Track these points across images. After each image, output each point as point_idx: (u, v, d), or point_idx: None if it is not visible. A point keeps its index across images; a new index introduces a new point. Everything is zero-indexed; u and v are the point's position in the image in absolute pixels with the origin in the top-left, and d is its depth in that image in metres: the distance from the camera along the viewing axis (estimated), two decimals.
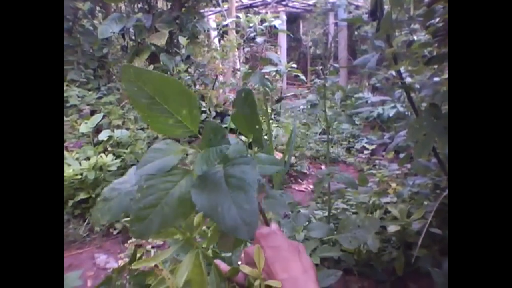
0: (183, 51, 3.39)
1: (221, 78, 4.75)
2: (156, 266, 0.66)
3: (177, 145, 0.65)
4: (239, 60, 5.49)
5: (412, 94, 1.50)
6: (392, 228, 1.48)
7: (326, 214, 1.61)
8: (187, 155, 0.65)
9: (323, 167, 3.44)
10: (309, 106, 1.49)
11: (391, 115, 3.96)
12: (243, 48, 5.55)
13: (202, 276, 0.63)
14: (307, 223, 1.39)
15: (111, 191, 0.71)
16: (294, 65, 3.30)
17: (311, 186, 2.79)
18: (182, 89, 0.63)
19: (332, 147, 4.06)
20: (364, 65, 1.40)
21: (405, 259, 1.49)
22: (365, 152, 3.87)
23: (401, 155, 1.85)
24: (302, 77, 3.82)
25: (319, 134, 4.57)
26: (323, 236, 1.31)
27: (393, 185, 2.03)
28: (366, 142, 4.05)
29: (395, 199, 1.76)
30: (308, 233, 1.31)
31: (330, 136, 4.32)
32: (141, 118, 0.66)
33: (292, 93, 7.17)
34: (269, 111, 3.97)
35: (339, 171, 1.52)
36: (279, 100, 4.74)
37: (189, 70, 3.57)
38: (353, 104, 4.74)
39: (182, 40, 3.28)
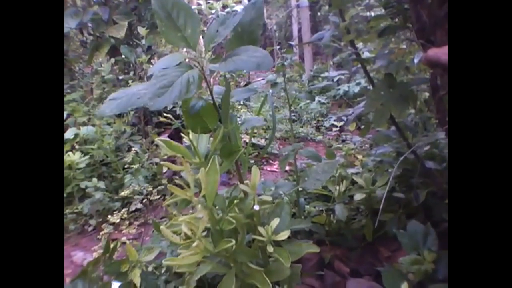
0: (144, 42, 3.32)
1: None
2: None
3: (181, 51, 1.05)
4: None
5: (368, 67, 1.55)
6: (358, 196, 1.54)
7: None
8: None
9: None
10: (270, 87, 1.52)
11: (356, 91, 4.05)
12: None
13: None
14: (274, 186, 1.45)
15: (118, 94, 0.98)
16: None
17: None
18: (191, 13, 0.95)
19: (302, 127, 4.12)
20: (319, 40, 1.44)
21: (373, 225, 1.56)
22: (334, 129, 3.96)
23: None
24: None
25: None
26: (289, 190, 1.39)
27: (360, 157, 2.10)
28: (334, 120, 4.14)
29: (361, 170, 1.83)
30: (276, 190, 1.37)
31: (295, 116, 4.37)
32: (159, 29, 0.95)
33: (261, 78, 7.18)
34: None
35: (303, 147, 1.56)
36: (246, 85, 4.75)
37: (152, 60, 3.52)
38: (320, 83, 4.80)
39: (142, 31, 3.21)
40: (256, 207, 1.00)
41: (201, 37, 1.07)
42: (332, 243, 1.58)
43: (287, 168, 2.53)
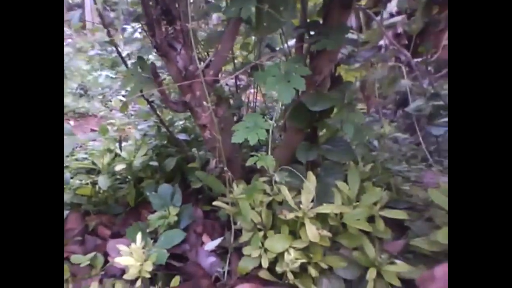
0: None
1: None
2: None
3: None
4: None
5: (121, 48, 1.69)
6: (119, 166, 1.70)
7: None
8: None
9: (71, 122, 3.36)
10: None
11: None
12: None
13: None
14: None
15: None
16: None
17: None
18: None
19: (89, 102, 4.00)
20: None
21: (136, 191, 1.76)
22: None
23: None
24: None
25: (76, 90, 4.39)
26: None
27: (133, 131, 2.26)
28: (123, 95, 4.15)
29: (131, 143, 1.99)
30: None
31: (82, 90, 4.23)
32: None
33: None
34: None
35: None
36: None
37: None
38: (109, 57, 4.71)
39: None
40: None
41: None
42: (99, 212, 1.71)
43: None
